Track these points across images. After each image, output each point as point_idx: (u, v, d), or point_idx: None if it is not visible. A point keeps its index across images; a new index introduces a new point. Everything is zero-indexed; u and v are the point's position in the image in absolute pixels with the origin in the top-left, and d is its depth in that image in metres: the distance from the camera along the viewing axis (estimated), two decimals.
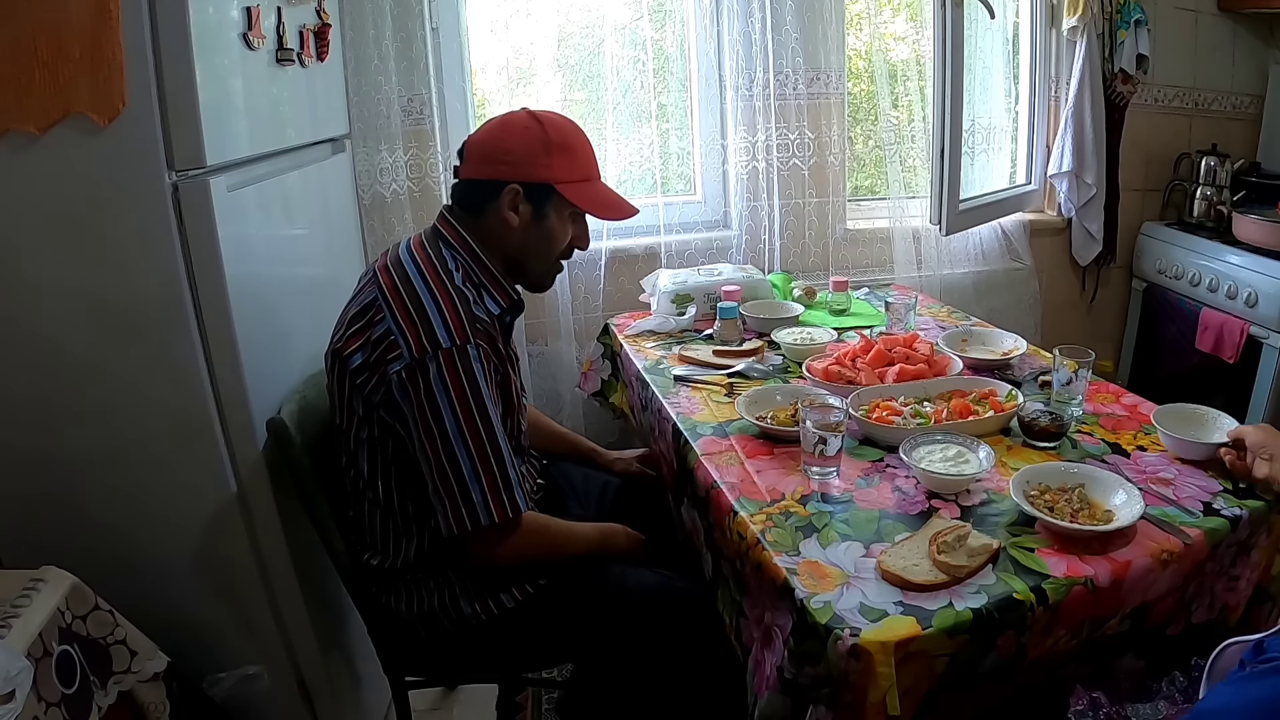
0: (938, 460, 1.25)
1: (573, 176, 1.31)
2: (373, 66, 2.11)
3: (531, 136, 1.29)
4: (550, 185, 1.29)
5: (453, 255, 1.29)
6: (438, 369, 1.15)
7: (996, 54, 2.62)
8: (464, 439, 1.16)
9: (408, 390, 1.16)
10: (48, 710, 1.05)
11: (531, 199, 1.29)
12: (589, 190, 1.34)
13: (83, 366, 1.29)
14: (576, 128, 1.35)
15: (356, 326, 1.23)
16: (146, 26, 1.18)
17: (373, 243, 2.23)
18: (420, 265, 1.25)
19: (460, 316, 1.19)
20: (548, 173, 1.28)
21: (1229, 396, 2.38)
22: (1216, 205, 2.62)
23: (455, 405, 1.16)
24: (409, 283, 1.22)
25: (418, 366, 1.16)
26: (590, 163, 1.35)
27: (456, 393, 1.16)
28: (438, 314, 1.18)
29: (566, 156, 1.30)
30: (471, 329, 1.19)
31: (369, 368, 1.20)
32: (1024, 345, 1.73)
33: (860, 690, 0.94)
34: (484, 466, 1.17)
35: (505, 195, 1.28)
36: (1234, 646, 0.90)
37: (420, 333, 1.17)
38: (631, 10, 2.32)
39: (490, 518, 1.17)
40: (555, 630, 1.34)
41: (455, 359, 1.16)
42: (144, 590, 1.35)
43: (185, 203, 1.25)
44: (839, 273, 2.46)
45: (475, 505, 1.17)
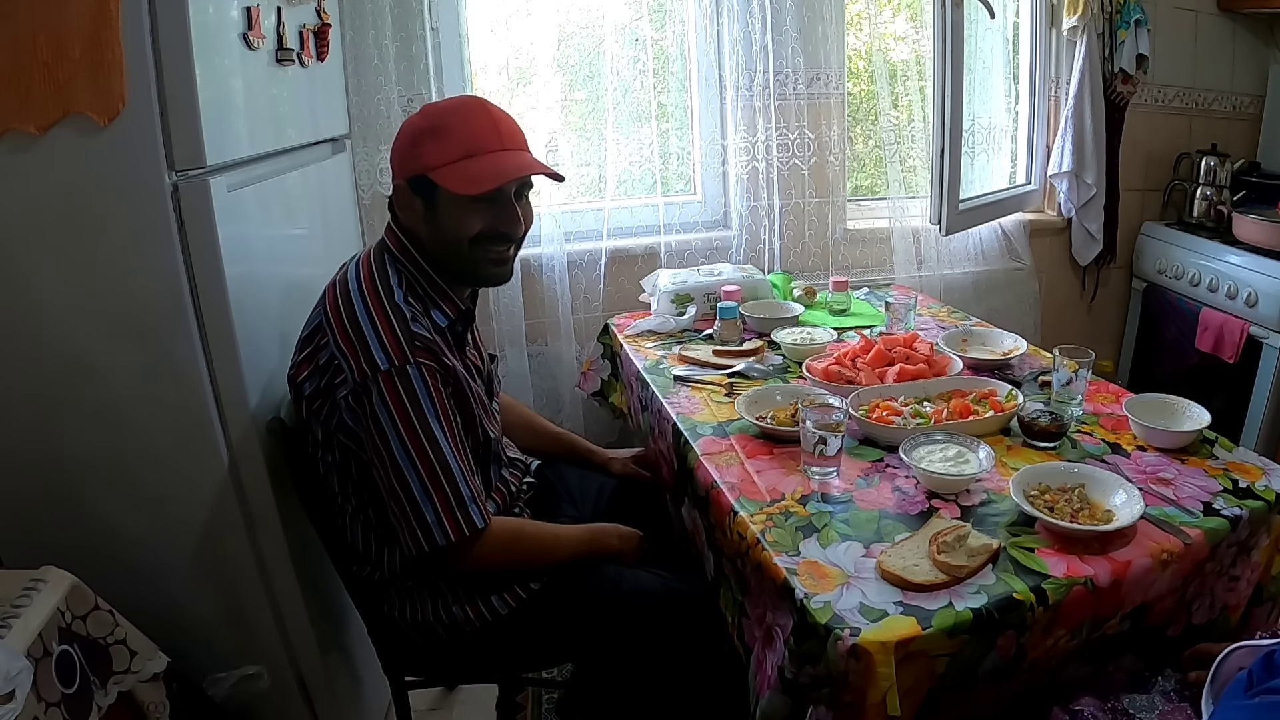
0: (938, 460, 1.25)
1: (445, 159, 1.21)
2: (373, 66, 2.11)
3: (405, 133, 1.26)
4: (425, 175, 1.22)
5: (396, 269, 1.26)
6: (379, 392, 1.14)
7: (996, 54, 2.62)
8: (411, 460, 1.14)
9: (356, 414, 1.16)
10: (48, 710, 1.05)
11: (418, 192, 1.24)
12: (466, 167, 1.21)
13: (82, 366, 1.29)
14: (460, 104, 1.28)
15: (306, 352, 1.23)
16: (146, 26, 1.17)
17: (372, 243, 2.23)
18: (362, 283, 1.22)
19: (397, 336, 1.16)
20: (418, 162, 1.23)
21: (1229, 396, 2.38)
22: (1216, 205, 2.62)
23: (400, 427, 1.14)
24: (350, 303, 1.20)
25: (361, 391, 1.15)
26: (473, 137, 1.22)
27: (400, 415, 1.14)
28: (374, 336, 1.16)
29: (434, 140, 1.22)
30: (410, 347, 1.16)
31: (320, 394, 1.20)
32: (1024, 345, 1.73)
33: (860, 690, 0.94)
34: (434, 486, 1.15)
35: (396, 194, 1.26)
36: (1241, 651, 0.90)
37: (360, 356, 1.16)
38: (631, 10, 2.32)
39: (446, 536, 1.16)
40: (551, 633, 1.34)
41: (395, 380, 1.14)
42: (144, 590, 1.35)
43: (185, 203, 1.25)
44: (839, 273, 2.46)
45: (430, 525, 1.15)
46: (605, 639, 1.34)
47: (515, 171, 1.23)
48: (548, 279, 2.34)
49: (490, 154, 1.23)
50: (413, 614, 1.31)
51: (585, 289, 2.39)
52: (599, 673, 1.42)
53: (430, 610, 1.30)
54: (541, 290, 2.35)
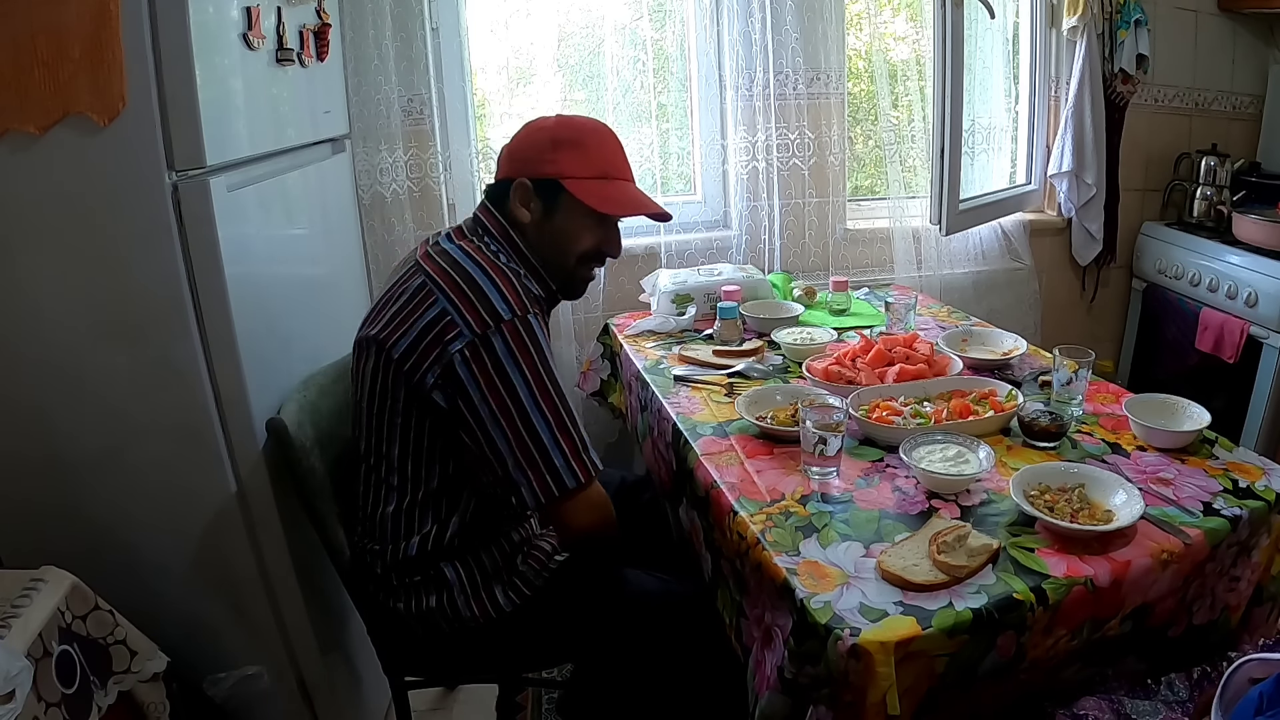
0: (938, 460, 1.25)
1: (582, 173, 1.28)
2: (373, 66, 2.11)
3: (542, 134, 1.30)
4: (557, 180, 1.28)
5: (494, 244, 1.30)
6: (503, 341, 1.16)
7: (996, 54, 2.62)
8: (539, 406, 1.17)
9: (472, 368, 1.16)
10: (48, 710, 1.05)
11: (541, 195, 1.28)
12: (601, 187, 1.30)
13: (83, 366, 1.29)
14: (597, 126, 1.34)
15: (402, 313, 1.22)
16: (146, 26, 1.18)
17: (373, 243, 2.23)
18: (466, 249, 1.26)
19: (516, 290, 1.20)
20: (553, 168, 1.28)
21: (1229, 396, 2.38)
22: (1216, 205, 2.62)
23: (526, 374, 1.16)
24: (458, 265, 1.23)
25: (480, 342, 1.16)
26: (608, 161, 1.32)
27: (526, 362, 1.17)
28: (494, 289, 1.19)
29: (574, 151, 1.29)
30: (530, 299, 1.21)
31: (419, 351, 1.19)
32: (1024, 345, 1.73)
33: (860, 690, 0.94)
34: (561, 431, 1.18)
35: (515, 190, 1.29)
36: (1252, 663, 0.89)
37: (479, 309, 1.17)
38: (631, 10, 2.31)
39: (575, 479, 1.19)
40: (552, 632, 1.34)
41: (519, 329, 1.17)
42: (144, 590, 1.35)
43: (185, 203, 1.25)
44: (839, 273, 2.45)
45: (559, 470, 1.18)
46: (606, 639, 1.34)
47: (648, 205, 1.34)
48: None
49: (620, 181, 1.33)
50: (418, 605, 1.30)
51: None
52: (599, 673, 1.42)
53: (435, 601, 1.29)
54: None
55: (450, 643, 1.33)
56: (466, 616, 1.29)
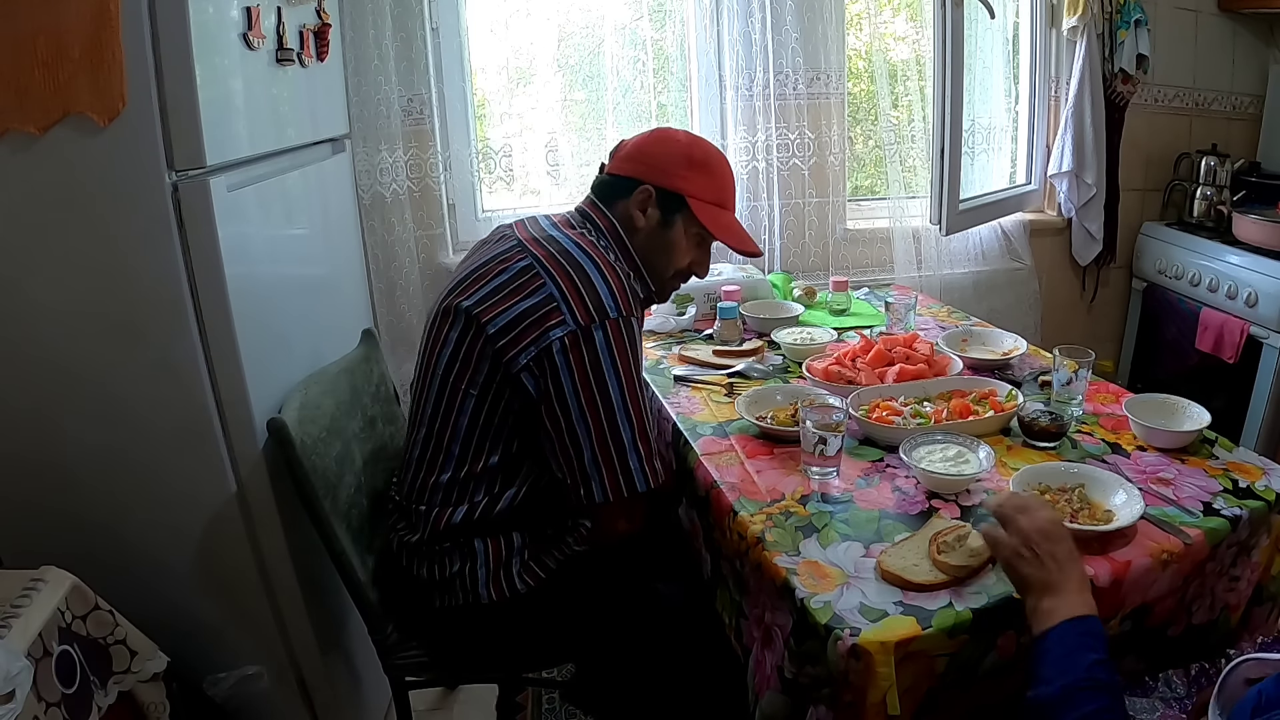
0: (938, 460, 1.25)
1: (706, 196, 1.35)
2: (373, 66, 2.11)
3: (676, 148, 1.36)
4: (682, 196, 1.33)
5: (603, 239, 1.34)
6: (604, 337, 1.18)
7: (996, 54, 2.62)
8: (626, 407, 1.20)
9: (569, 357, 1.18)
10: (48, 710, 1.05)
11: (661, 205, 1.33)
12: (719, 214, 1.38)
13: (83, 366, 1.29)
14: (723, 158, 1.41)
15: (506, 290, 1.23)
16: (146, 26, 1.18)
17: (373, 243, 2.23)
18: (577, 240, 1.28)
19: (626, 290, 1.23)
20: (683, 183, 1.33)
21: (1229, 396, 2.38)
22: (1216, 205, 2.62)
23: (620, 373, 1.19)
24: (569, 255, 1.25)
25: (582, 334, 1.18)
26: (727, 192, 1.40)
27: (622, 361, 1.20)
28: (604, 285, 1.21)
29: (705, 175, 1.35)
30: (634, 300, 1.24)
31: (517, 331, 1.20)
32: (1024, 345, 1.73)
33: (860, 690, 0.94)
34: (641, 435, 1.22)
35: (638, 193, 1.33)
36: (1249, 663, 0.89)
37: (587, 301, 1.19)
38: (631, 10, 2.32)
39: (645, 483, 1.22)
40: (559, 626, 1.34)
41: (621, 328, 1.20)
42: (144, 590, 1.35)
43: (185, 203, 1.25)
44: (839, 273, 2.46)
45: (632, 471, 1.21)
46: (607, 638, 1.35)
47: (749, 242, 1.43)
48: None
49: (730, 211, 1.42)
50: (440, 572, 1.31)
51: None
52: (600, 670, 1.43)
53: (457, 569, 1.30)
54: None
55: (460, 616, 1.33)
56: (483, 593, 1.30)
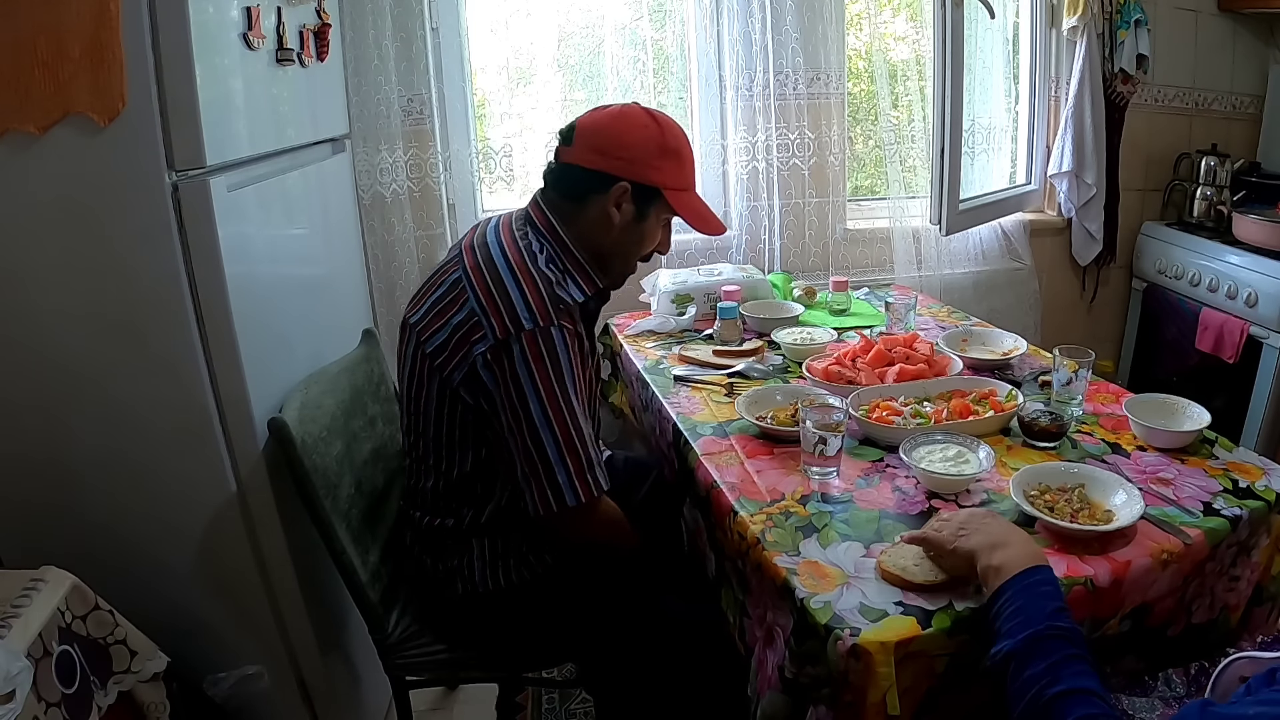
0: (938, 460, 1.25)
1: (678, 184, 1.32)
2: (373, 66, 2.11)
3: (649, 136, 1.29)
4: (658, 189, 1.30)
5: (538, 239, 1.29)
6: (521, 350, 1.16)
7: (996, 54, 2.62)
8: (548, 421, 1.17)
9: (493, 371, 1.18)
10: (48, 710, 1.05)
11: (637, 199, 1.30)
12: (690, 199, 1.35)
13: (83, 366, 1.29)
14: (683, 134, 1.35)
15: (439, 307, 1.24)
16: (146, 26, 1.18)
17: (372, 243, 2.23)
18: (504, 246, 1.26)
19: (543, 298, 1.19)
20: (659, 176, 1.29)
21: (1229, 397, 2.38)
22: (1216, 205, 2.62)
23: (539, 387, 1.17)
24: (492, 264, 1.23)
25: (501, 348, 1.17)
26: (692, 173, 1.37)
27: (540, 374, 1.17)
28: (520, 295, 1.19)
29: (677, 163, 1.32)
30: (555, 310, 1.19)
31: (450, 349, 1.21)
32: (1024, 345, 1.73)
33: (860, 690, 0.94)
34: (569, 448, 1.18)
35: (614, 191, 1.28)
36: (1241, 661, 0.89)
37: (503, 314, 1.18)
38: (631, 10, 2.32)
39: (576, 498, 1.19)
40: (559, 619, 1.35)
41: (539, 340, 1.17)
42: (144, 590, 1.35)
43: (185, 203, 1.25)
44: (839, 273, 2.45)
45: (561, 486, 1.18)
46: (607, 638, 1.35)
47: (720, 228, 1.40)
48: None
49: (694, 191, 1.38)
50: (444, 564, 1.33)
51: None
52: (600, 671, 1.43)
53: (456, 563, 1.33)
54: None
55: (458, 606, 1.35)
56: (479, 581, 1.32)
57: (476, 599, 1.34)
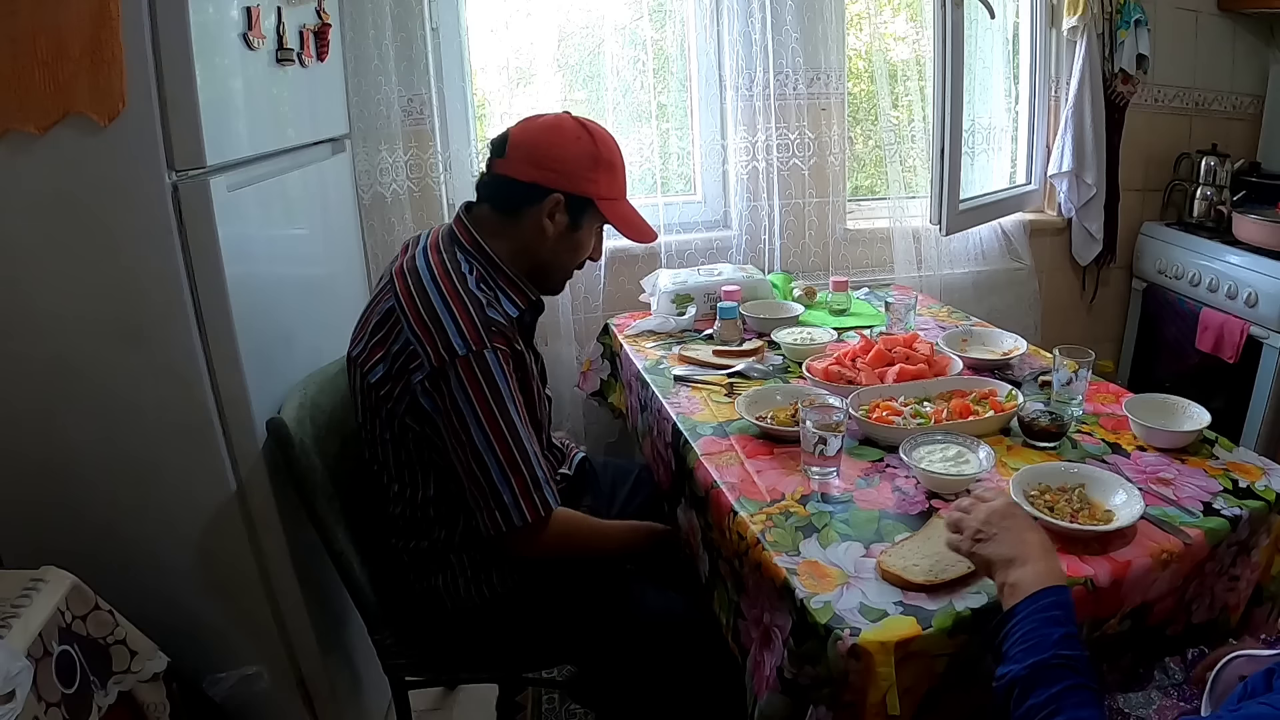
0: (938, 460, 1.25)
1: (611, 194, 1.33)
2: (373, 66, 2.11)
3: (583, 148, 1.29)
4: (591, 200, 1.30)
5: (467, 259, 1.28)
6: (457, 377, 1.17)
7: (996, 54, 2.61)
8: (490, 444, 1.18)
9: (432, 398, 1.19)
10: (48, 710, 1.05)
11: (570, 210, 1.30)
12: (622, 208, 1.36)
13: (83, 366, 1.29)
14: (612, 141, 1.35)
15: (377, 338, 1.24)
16: (146, 26, 1.18)
17: (372, 243, 2.23)
18: (434, 269, 1.25)
19: (474, 322, 1.19)
20: (593, 188, 1.29)
21: (1229, 397, 2.38)
22: (1216, 205, 2.62)
23: (478, 411, 1.17)
24: (423, 290, 1.22)
25: (439, 375, 1.17)
26: (624, 181, 1.37)
27: (478, 399, 1.17)
28: (451, 322, 1.18)
29: (610, 174, 1.32)
30: (487, 333, 1.19)
31: (391, 378, 1.22)
32: (1024, 345, 1.73)
33: (860, 690, 0.94)
34: (512, 469, 1.19)
35: (547, 203, 1.28)
36: (1240, 659, 0.89)
37: (437, 341, 1.18)
38: (631, 10, 2.31)
39: (523, 518, 1.19)
40: (543, 626, 1.35)
41: (473, 365, 1.17)
42: (144, 590, 1.35)
43: (185, 203, 1.25)
44: (839, 273, 2.45)
45: (507, 507, 1.19)
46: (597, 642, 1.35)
47: (651, 235, 1.40)
48: None
49: (626, 199, 1.38)
50: (425, 582, 1.34)
51: (585, 289, 2.39)
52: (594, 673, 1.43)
53: (439, 581, 1.33)
54: None
55: (451, 622, 1.35)
56: (464, 596, 1.33)
57: (465, 613, 1.34)
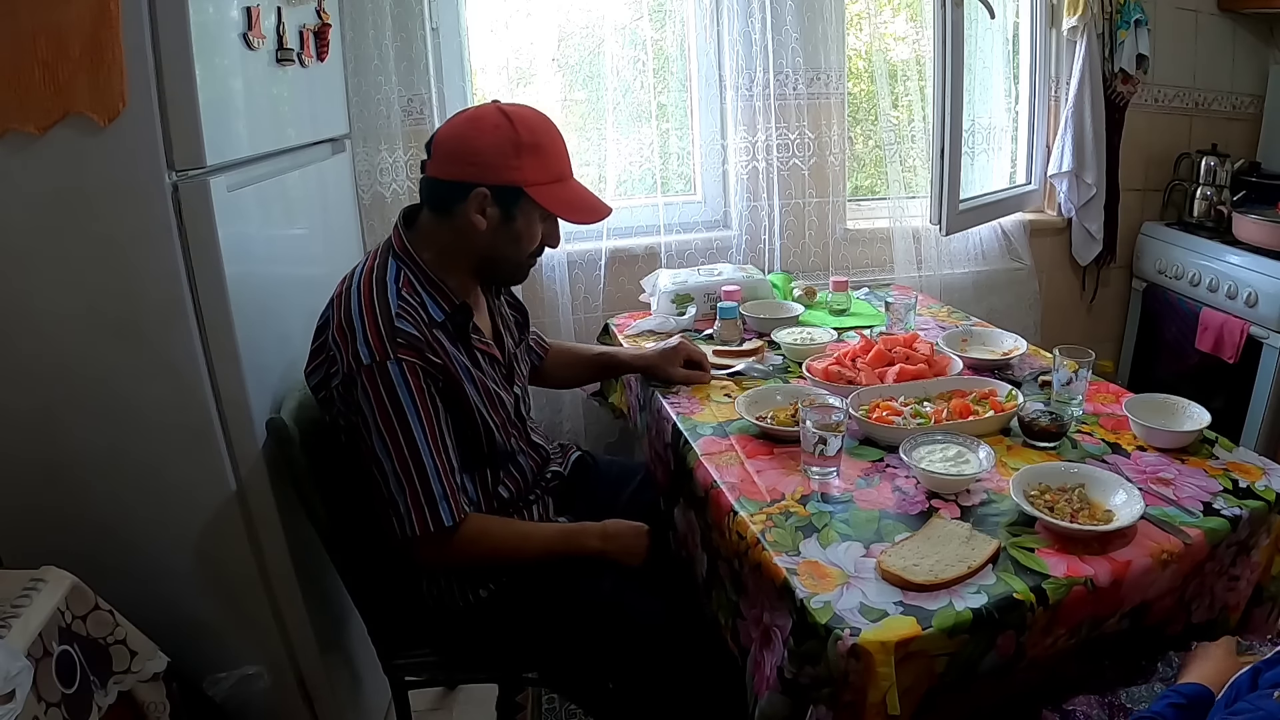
0: (938, 460, 1.26)
1: (543, 178, 1.26)
2: (373, 66, 2.11)
3: (501, 136, 1.23)
4: (519, 188, 1.24)
5: (397, 265, 1.27)
6: (362, 386, 1.18)
7: (996, 54, 2.62)
8: (387, 453, 1.18)
9: (345, 403, 1.21)
10: (48, 710, 1.05)
11: (500, 202, 1.24)
12: (560, 191, 1.29)
13: (83, 366, 1.29)
14: (549, 124, 1.29)
15: (316, 344, 1.28)
16: (146, 26, 1.18)
17: (372, 242, 2.22)
18: (362, 277, 1.26)
19: (380, 332, 1.18)
20: (517, 174, 1.23)
21: (1229, 397, 2.38)
22: (1216, 205, 2.62)
23: (378, 419, 1.18)
24: (349, 298, 1.24)
25: (347, 382, 1.20)
26: (562, 162, 1.30)
27: (378, 408, 1.18)
28: (361, 330, 1.19)
29: (537, 158, 1.25)
30: (392, 344, 1.18)
31: (322, 384, 1.26)
32: (1024, 345, 1.73)
33: (860, 690, 0.94)
34: (406, 480, 1.19)
35: (472, 199, 1.23)
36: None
37: (348, 349, 1.19)
38: (631, 10, 2.31)
39: (413, 529, 1.19)
40: (520, 631, 1.35)
41: (375, 375, 1.18)
42: (144, 590, 1.35)
43: (185, 203, 1.25)
44: (839, 273, 2.45)
45: (402, 516, 1.20)
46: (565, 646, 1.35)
47: (600, 208, 1.32)
48: (548, 279, 2.34)
49: (569, 180, 1.32)
50: (410, 588, 1.36)
51: (585, 289, 2.39)
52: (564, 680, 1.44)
53: (425, 586, 1.35)
54: (541, 290, 2.34)
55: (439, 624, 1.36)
56: (448, 600, 1.34)
57: (460, 613, 1.34)
